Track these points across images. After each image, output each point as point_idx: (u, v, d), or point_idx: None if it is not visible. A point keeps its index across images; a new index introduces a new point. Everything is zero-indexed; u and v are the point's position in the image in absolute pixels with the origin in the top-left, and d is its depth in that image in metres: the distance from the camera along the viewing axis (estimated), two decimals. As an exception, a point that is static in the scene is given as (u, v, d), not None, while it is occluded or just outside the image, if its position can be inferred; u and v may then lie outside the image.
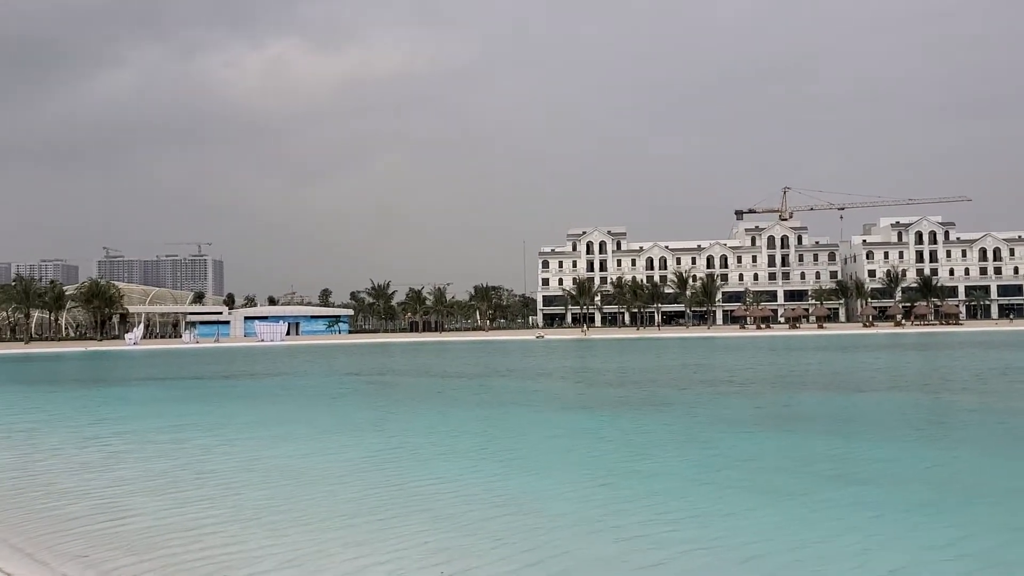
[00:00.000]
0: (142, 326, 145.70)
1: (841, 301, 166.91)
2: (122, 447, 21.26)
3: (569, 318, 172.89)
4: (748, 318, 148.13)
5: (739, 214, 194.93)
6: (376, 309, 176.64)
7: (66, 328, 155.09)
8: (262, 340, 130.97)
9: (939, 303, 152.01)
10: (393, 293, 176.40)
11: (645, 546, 11.01)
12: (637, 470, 16.43)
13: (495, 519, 12.54)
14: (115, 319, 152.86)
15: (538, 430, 23.36)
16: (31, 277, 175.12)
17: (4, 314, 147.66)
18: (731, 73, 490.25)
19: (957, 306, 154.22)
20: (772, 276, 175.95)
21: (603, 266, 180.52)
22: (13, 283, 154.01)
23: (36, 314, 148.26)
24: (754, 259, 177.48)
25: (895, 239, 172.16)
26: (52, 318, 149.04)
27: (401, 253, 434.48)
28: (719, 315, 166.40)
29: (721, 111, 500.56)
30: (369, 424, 25.47)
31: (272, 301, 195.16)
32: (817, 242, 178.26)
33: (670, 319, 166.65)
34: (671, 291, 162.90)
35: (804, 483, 14.83)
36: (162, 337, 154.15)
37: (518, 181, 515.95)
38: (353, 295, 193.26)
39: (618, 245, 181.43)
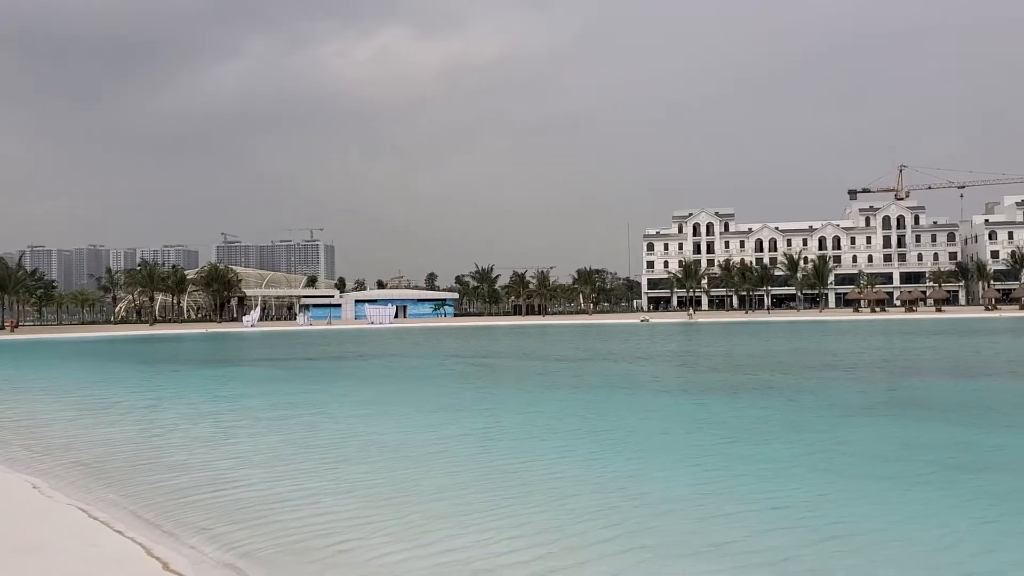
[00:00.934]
0: (259, 308, 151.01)
1: (961, 283, 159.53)
2: (235, 423, 22.22)
3: (675, 301, 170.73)
4: (862, 301, 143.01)
5: (852, 194, 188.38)
6: (480, 292, 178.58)
7: (188, 310, 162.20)
8: (372, 323, 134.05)
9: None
10: (497, 277, 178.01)
11: (741, 531, 10.84)
12: (736, 454, 16.14)
13: (586, 497, 12.58)
14: (233, 302, 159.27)
15: (635, 412, 23.25)
16: (155, 262, 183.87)
17: (130, 297, 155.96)
18: (842, 45, 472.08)
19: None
20: (887, 258, 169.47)
21: (710, 248, 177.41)
22: (138, 268, 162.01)
23: (160, 297, 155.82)
24: (868, 240, 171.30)
25: (1020, 218, 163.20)
26: (174, 301, 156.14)
27: (504, 237, 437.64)
28: (831, 298, 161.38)
29: (832, 85, 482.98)
30: (468, 404, 25.86)
31: (380, 285, 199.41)
32: (935, 222, 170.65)
33: (780, 302, 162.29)
34: (781, 273, 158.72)
35: (914, 470, 14.24)
36: (278, 319, 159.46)
37: (621, 162, 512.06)
38: (458, 279, 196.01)
39: (726, 226, 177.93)
